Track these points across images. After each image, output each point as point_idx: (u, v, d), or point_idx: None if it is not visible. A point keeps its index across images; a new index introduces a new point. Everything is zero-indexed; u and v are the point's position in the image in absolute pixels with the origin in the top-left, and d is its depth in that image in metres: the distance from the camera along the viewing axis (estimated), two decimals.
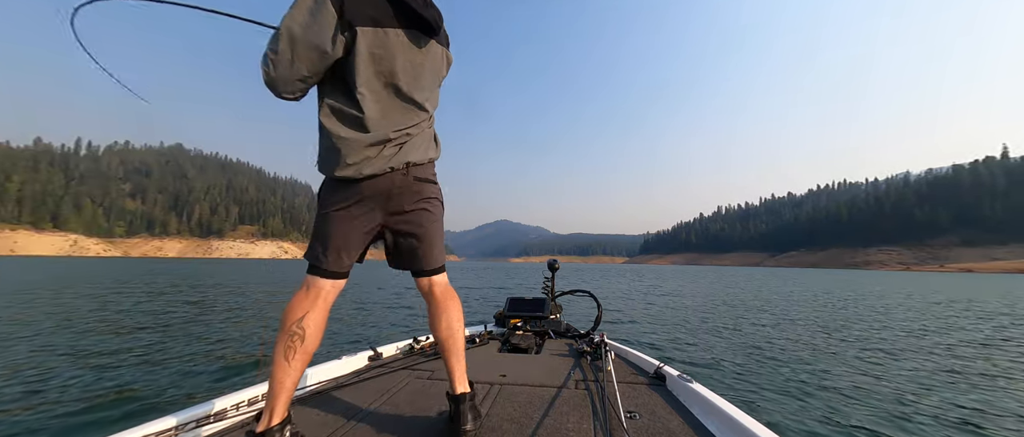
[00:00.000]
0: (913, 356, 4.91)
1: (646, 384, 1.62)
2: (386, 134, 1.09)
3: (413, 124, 1.15)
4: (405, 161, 1.12)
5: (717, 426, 1.21)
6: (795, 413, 2.89)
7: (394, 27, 1.08)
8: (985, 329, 7.10)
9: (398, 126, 1.11)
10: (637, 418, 1.28)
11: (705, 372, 3.94)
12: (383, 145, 1.09)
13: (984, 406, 3.14)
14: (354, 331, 5.85)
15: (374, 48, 1.05)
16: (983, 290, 20.52)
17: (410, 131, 1.14)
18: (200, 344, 4.75)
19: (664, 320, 7.76)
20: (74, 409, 2.69)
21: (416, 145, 1.16)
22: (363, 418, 1.29)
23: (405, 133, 1.13)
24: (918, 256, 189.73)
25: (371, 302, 9.03)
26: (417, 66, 1.14)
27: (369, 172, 1.08)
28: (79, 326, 5.73)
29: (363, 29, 1.03)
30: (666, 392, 1.53)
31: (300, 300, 1.08)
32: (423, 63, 1.15)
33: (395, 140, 1.11)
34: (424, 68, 1.16)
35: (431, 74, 1.19)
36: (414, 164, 1.14)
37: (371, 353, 2.00)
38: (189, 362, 3.95)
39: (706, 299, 12.44)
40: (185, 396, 3.07)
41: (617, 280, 25.17)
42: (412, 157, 1.13)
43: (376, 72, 1.07)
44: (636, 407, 1.37)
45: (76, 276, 18.00)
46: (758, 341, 5.54)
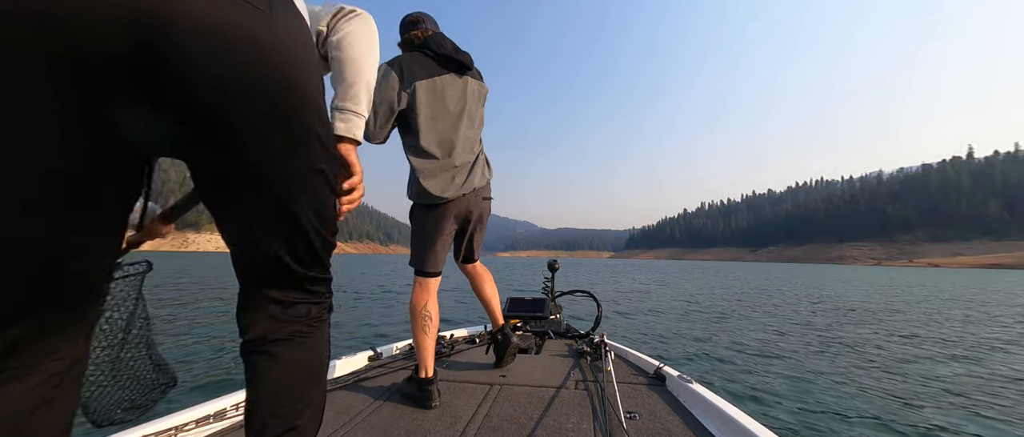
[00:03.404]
0: (909, 354, 5.07)
1: (646, 384, 1.61)
2: (457, 163, 1.47)
3: (473, 149, 1.54)
4: (473, 187, 1.52)
5: (717, 426, 1.21)
6: (796, 412, 2.91)
7: (440, 74, 1.45)
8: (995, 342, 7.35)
9: (464, 153, 1.49)
10: (637, 418, 1.28)
11: (705, 372, 3.95)
12: (455, 173, 1.47)
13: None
14: (354, 331, 5.73)
15: (430, 93, 1.42)
16: (967, 287, 21.42)
17: (472, 158, 1.53)
18: (198, 343, 4.56)
19: (658, 324, 7.83)
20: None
21: (477, 171, 1.55)
22: (363, 418, 1.30)
23: (469, 161, 1.51)
24: (889, 252, 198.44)
25: (372, 302, 8.85)
26: (465, 98, 1.51)
27: (451, 196, 1.46)
28: None
29: (420, 83, 1.39)
30: (666, 392, 1.53)
31: (420, 295, 1.49)
32: (466, 95, 1.52)
33: (462, 168, 1.49)
34: (468, 98, 1.52)
35: (474, 102, 1.55)
36: (479, 188, 1.56)
37: (371, 353, 1.99)
38: (189, 362, 3.78)
39: (694, 299, 12.65)
40: (185, 396, 2.95)
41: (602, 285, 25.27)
42: (477, 183, 1.53)
43: (438, 111, 1.44)
44: (636, 407, 1.37)
45: None
46: (757, 341, 5.62)
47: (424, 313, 1.47)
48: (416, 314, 1.47)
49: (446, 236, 1.53)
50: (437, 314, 1.51)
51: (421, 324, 1.47)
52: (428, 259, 1.50)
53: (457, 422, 1.26)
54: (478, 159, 1.57)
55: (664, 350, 4.86)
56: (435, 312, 1.50)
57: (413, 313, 1.48)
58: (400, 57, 1.45)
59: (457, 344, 2.24)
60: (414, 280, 1.52)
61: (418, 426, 1.24)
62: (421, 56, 1.46)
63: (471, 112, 1.53)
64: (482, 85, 1.61)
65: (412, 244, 1.55)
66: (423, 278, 1.51)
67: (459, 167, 1.48)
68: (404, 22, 1.57)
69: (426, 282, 1.51)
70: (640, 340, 5.44)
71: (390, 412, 1.35)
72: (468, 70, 1.54)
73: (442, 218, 1.49)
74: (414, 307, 1.48)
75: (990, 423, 2.80)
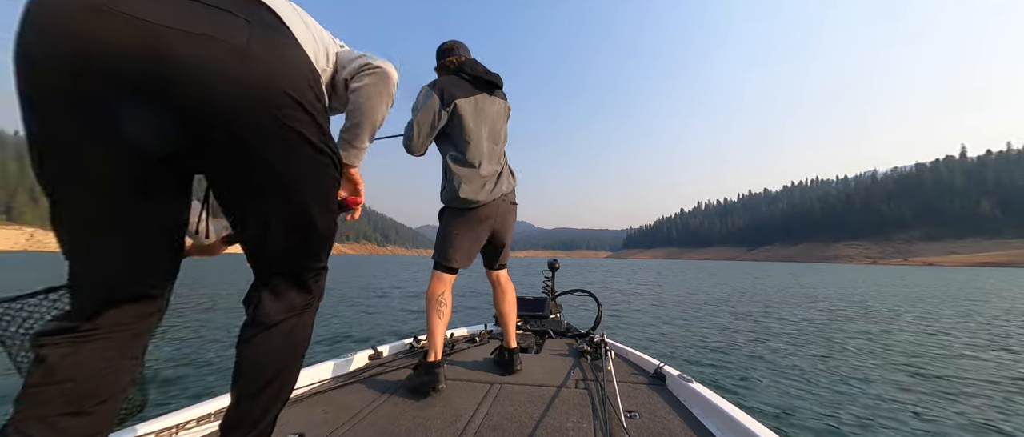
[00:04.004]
0: (906, 350, 5.09)
1: (646, 384, 1.61)
2: (488, 172, 1.64)
3: (500, 160, 1.72)
4: (502, 192, 1.68)
5: (717, 426, 1.21)
6: (796, 413, 2.90)
7: (476, 94, 1.63)
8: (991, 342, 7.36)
9: (493, 163, 1.67)
10: (637, 418, 1.28)
11: (705, 370, 3.95)
12: (486, 180, 1.64)
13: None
14: (355, 330, 5.69)
15: (468, 111, 1.59)
16: (966, 288, 21.54)
17: (500, 168, 1.71)
18: (196, 343, 4.51)
19: (658, 325, 7.82)
20: None
21: (504, 178, 1.71)
22: (364, 417, 1.30)
23: (497, 170, 1.69)
24: (884, 250, 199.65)
25: (373, 302, 8.80)
26: (495, 115, 1.70)
27: (483, 200, 1.62)
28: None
29: (459, 101, 1.57)
30: (666, 392, 1.53)
31: (437, 285, 1.63)
32: (498, 112, 1.72)
33: (491, 176, 1.66)
34: (499, 116, 1.73)
35: (502, 119, 1.74)
36: (506, 193, 1.72)
37: (372, 352, 1.99)
38: (188, 362, 3.74)
39: (691, 296, 12.65)
40: (184, 396, 2.92)
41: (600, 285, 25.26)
42: (505, 189, 1.70)
43: (474, 126, 1.61)
44: (636, 407, 1.37)
45: (33, 272, 16.93)
46: (756, 341, 5.62)
47: (440, 300, 1.61)
48: (432, 301, 1.60)
49: (473, 237, 1.66)
50: (450, 303, 1.65)
51: (437, 309, 1.59)
52: (452, 255, 1.62)
53: (458, 421, 1.26)
54: (504, 168, 1.74)
55: (664, 350, 4.85)
56: (449, 301, 1.64)
57: (430, 300, 1.61)
58: (439, 80, 1.63)
59: (458, 343, 2.25)
60: (433, 273, 1.66)
61: (419, 424, 1.24)
62: (457, 79, 1.63)
63: (499, 127, 1.72)
64: (507, 104, 1.79)
65: (438, 241, 1.68)
66: (442, 273, 1.64)
67: (488, 176, 1.64)
68: (440, 50, 1.76)
69: (444, 276, 1.64)
70: (634, 338, 5.44)
71: (391, 410, 1.35)
72: (498, 88, 1.72)
73: (473, 220, 1.65)
74: (431, 295, 1.61)
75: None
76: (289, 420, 1.24)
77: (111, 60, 0.52)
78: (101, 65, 0.52)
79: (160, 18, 0.54)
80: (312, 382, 1.59)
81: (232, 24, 0.60)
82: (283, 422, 1.21)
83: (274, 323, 0.78)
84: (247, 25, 0.62)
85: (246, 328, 0.78)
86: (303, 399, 1.43)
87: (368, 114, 0.86)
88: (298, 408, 1.34)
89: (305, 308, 0.83)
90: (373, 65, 0.85)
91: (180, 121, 0.58)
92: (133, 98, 0.55)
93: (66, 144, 0.55)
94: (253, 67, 0.61)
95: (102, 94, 0.54)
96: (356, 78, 0.84)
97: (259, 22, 0.64)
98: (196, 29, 0.57)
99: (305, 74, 0.69)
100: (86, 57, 0.51)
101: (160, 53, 0.54)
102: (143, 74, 0.54)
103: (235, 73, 0.59)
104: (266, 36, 0.64)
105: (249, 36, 0.62)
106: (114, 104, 0.55)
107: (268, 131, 0.64)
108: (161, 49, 0.54)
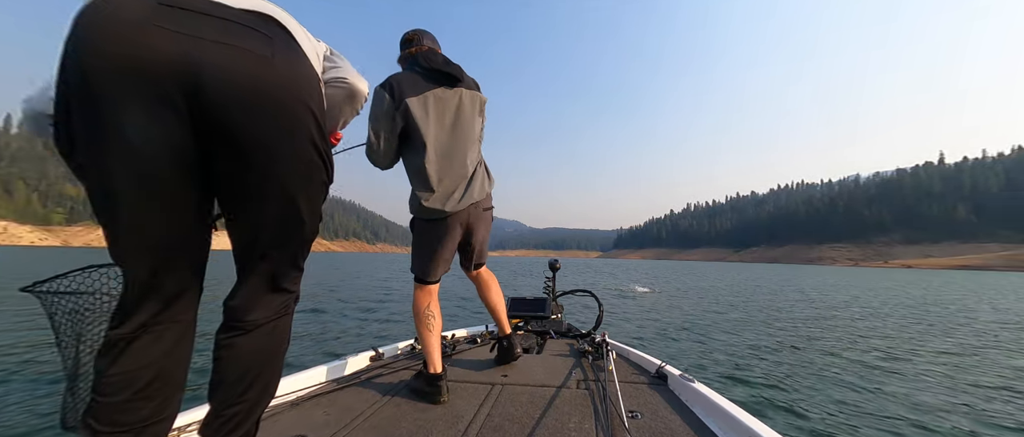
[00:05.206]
0: (904, 349, 5.20)
1: (648, 384, 1.60)
2: (452, 178, 1.49)
3: (470, 160, 1.54)
4: (473, 200, 1.53)
5: (719, 426, 1.20)
6: (796, 412, 2.93)
7: (430, 89, 1.46)
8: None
9: (458, 166, 1.50)
10: (639, 417, 1.28)
11: (705, 370, 3.98)
12: (452, 188, 1.49)
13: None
14: (356, 331, 5.63)
15: (418, 111, 1.42)
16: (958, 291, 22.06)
17: (471, 170, 1.54)
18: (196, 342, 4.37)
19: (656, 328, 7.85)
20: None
21: (476, 183, 1.55)
22: (365, 418, 1.30)
23: (467, 173, 1.52)
24: (865, 253, 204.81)
25: (373, 303, 8.66)
26: (458, 110, 1.52)
27: (450, 210, 1.49)
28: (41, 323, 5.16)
29: (410, 100, 1.41)
30: (668, 392, 1.52)
31: (421, 298, 1.56)
32: (464, 106, 1.53)
33: (460, 182, 1.51)
34: (466, 110, 1.54)
35: (469, 113, 1.55)
36: (478, 201, 1.57)
37: (373, 353, 1.98)
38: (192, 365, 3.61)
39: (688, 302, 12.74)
40: (187, 401, 2.80)
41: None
42: (476, 196, 1.54)
43: (428, 127, 1.44)
44: (638, 407, 1.36)
45: (5, 268, 16.28)
46: (756, 340, 5.64)
47: (427, 313, 1.54)
48: (420, 315, 1.54)
49: (447, 248, 1.56)
50: (440, 313, 1.58)
51: (426, 323, 1.53)
52: (429, 269, 1.56)
53: (459, 422, 1.26)
54: (477, 170, 1.58)
55: (663, 348, 4.88)
56: (437, 311, 1.57)
57: (417, 314, 1.55)
58: (392, 77, 1.48)
59: (458, 344, 2.23)
60: (415, 285, 1.59)
61: (420, 426, 1.24)
62: (411, 74, 1.48)
63: (466, 123, 1.53)
64: (477, 94, 1.60)
65: (413, 254, 1.60)
66: (422, 286, 1.58)
67: (458, 180, 1.50)
68: (401, 41, 1.60)
69: (426, 289, 1.57)
70: (633, 337, 5.46)
71: (392, 412, 1.35)
72: (459, 81, 1.53)
73: (443, 231, 1.53)
74: (417, 309, 1.55)
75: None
76: (290, 422, 1.25)
77: (156, 64, 0.61)
78: (149, 67, 0.61)
79: (198, 32, 0.64)
80: (313, 384, 1.58)
81: (258, 38, 0.70)
82: (284, 424, 1.22)
83: (257, 325, 0.81)
84: (269, 40, 0.71)
85: (225, 331, 0.81)
86: (304, 401, 1.43)
87: (328, 115, 0.90)
88: (299, 410, 1.34)
89: (285, 309, 0.86)
90: (345, 81, 0.90)
91: (212, 117, 0.66)
92: (173, 98, 0.63)
93: (126, 134, 0.62)
94: (276, 76, 0.70)
95: (148, 92, 0.62)
96: (329, 84, 0.89)
97: (278, 37, 0.74)
98: (229, 41, 0.66)
99: (314, 84, 0.79)
100: (137, 60, 0.60)
101: (197, 60, 0.63)
102: (182, 76, 0.63)
103: (261, 80, 0.68)
104: (286, 48, 0.74)
105: (273, 49, 0.71)
106: (155, 102, 0.63)
107: (284, 132, 0.73)
108: (199, 57, 0.63)
